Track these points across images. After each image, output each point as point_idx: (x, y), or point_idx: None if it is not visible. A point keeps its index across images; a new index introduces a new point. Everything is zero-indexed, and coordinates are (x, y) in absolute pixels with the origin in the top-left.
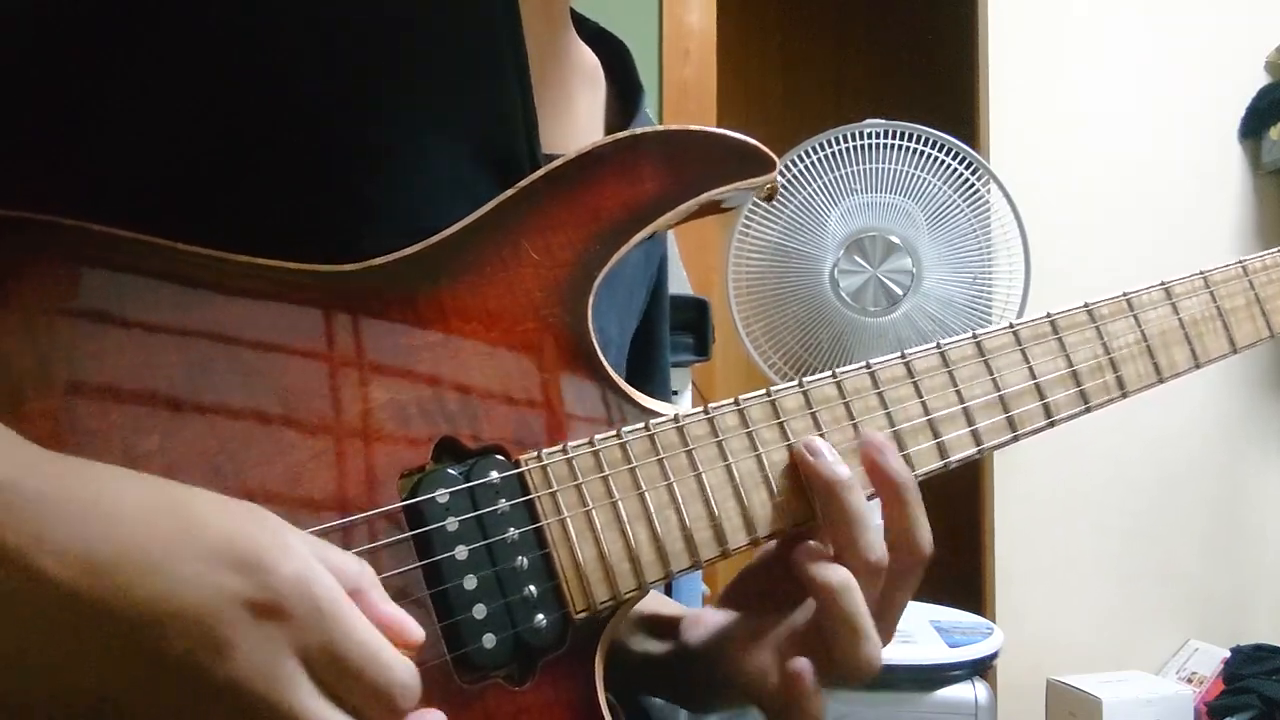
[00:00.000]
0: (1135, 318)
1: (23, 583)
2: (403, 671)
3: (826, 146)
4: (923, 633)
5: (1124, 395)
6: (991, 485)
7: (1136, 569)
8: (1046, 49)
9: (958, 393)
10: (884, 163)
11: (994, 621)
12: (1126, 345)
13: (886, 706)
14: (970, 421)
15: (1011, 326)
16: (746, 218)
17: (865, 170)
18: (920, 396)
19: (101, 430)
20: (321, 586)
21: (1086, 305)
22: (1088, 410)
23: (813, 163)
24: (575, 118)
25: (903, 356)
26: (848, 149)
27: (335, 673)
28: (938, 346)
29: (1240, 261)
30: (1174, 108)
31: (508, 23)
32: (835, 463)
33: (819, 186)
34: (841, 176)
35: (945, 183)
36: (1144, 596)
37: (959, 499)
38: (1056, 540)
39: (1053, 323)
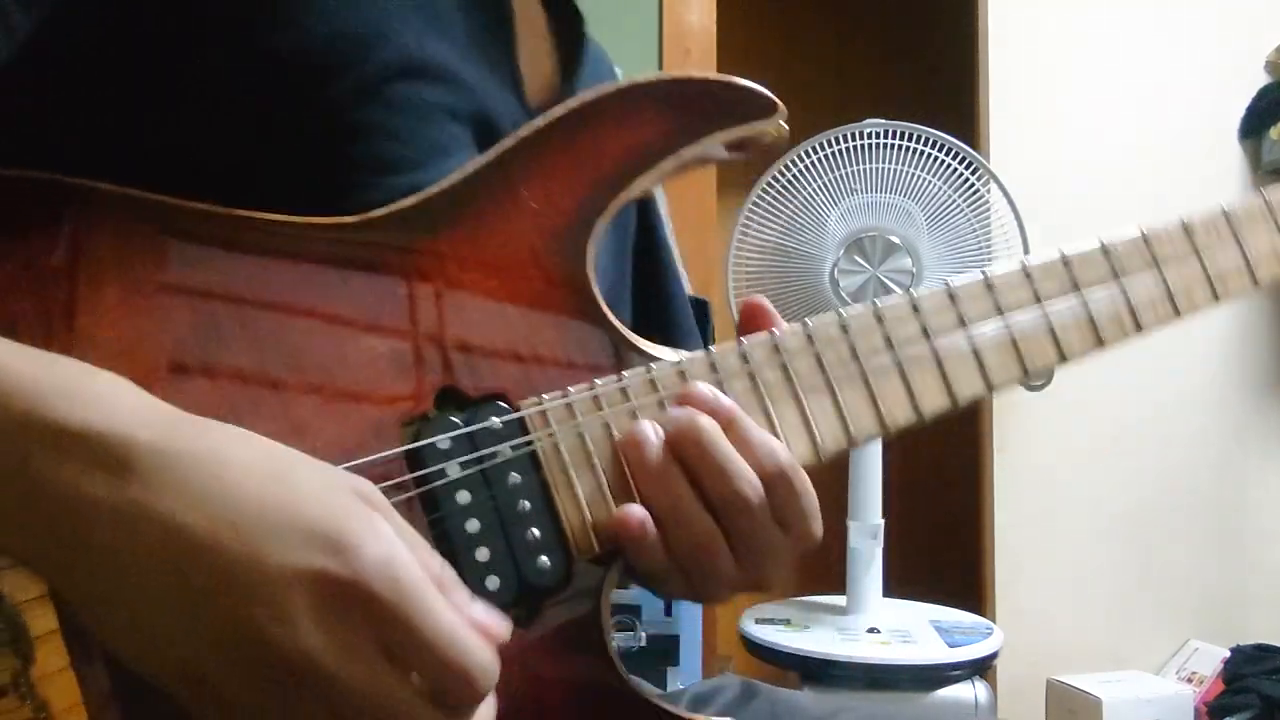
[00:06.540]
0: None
1: (133, 523)
2: (482, 654)
3: (826, 146)
4: (923, 633)
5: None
6: (991, 485)
7: (1137, 569)
8: (1046, 49)
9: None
10: (884, 163)
11: (994, 621)
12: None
13: (886, 706)
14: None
15: (948, 288)
16: (746, 218)
17: (865, 170)
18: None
19: None
20: (405, 569)
21: (1023, 267)
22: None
23: (813, 163)
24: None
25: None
26: (848, 149)
27: (414, 651)
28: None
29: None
30: (1174, 108)
31: None
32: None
33: (819, 186)
34: (841, 176)
35: (945, 183)
36: (1144, 596)
37: (959, 498)
38: (1056, 540)
39: (988, 283)
